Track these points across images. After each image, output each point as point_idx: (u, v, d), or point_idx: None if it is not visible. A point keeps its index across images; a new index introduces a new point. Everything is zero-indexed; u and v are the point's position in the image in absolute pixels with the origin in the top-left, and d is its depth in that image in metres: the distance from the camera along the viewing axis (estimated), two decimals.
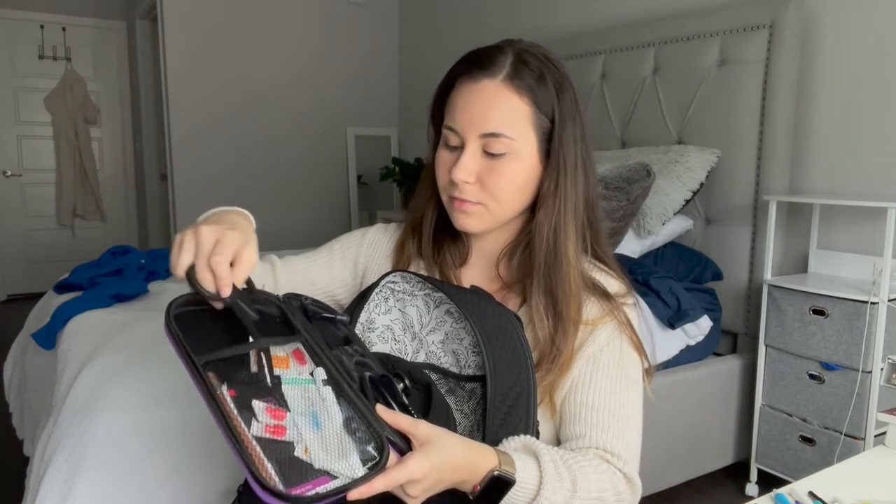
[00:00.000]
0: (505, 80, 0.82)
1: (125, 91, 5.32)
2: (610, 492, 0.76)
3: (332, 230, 4.32)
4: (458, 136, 0.84)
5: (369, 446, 0.62)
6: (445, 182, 0.86)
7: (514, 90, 0.82)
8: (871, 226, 2.07)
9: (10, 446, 2.39)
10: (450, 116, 0.85)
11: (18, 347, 2.48)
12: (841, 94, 2.16)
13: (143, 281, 2.29)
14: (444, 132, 0.86)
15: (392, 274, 0.85)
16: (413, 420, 0.65)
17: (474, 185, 0.83)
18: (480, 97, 0.82)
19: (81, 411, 1.50)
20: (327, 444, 0.61)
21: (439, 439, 0.65)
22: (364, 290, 0.86)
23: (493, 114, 0.81)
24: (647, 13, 2.74)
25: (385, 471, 0.60)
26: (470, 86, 0.83)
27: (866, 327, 1.80)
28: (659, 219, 2.16)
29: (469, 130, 0.82)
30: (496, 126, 0.81)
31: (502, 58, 0.83)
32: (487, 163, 0.83)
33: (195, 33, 3.78)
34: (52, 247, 5.17)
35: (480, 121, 0.82)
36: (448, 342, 0.82)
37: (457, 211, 0.86)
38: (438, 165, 0.87)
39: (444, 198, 0.88)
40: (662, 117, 2.50)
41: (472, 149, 0.83)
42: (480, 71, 0.83)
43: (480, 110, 0.82)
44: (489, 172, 0.83)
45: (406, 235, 0.97)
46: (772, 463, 2.06)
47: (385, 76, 4.36)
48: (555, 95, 0.83)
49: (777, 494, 0.82)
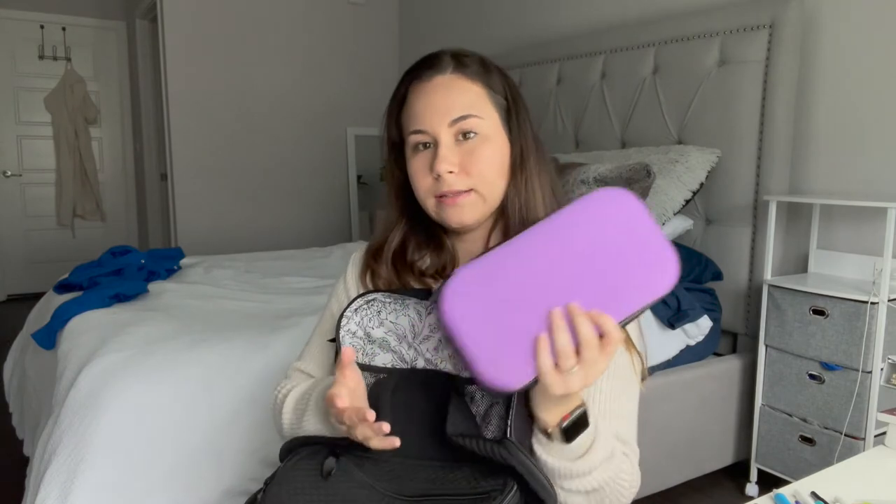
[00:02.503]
0: (453, 72, 0.87)
1: (125, 91, 5.32)
2: (626, 473, 0.79)
3: (332, 230, 4.32)
4: (426, 133, 0.86)
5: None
6: (428, 184, 0.87)
7: (466, 77, 0.87)
8: (871, 226, 2.07)
9: (10, 446, 2.39)
10: (413, 120, 0.87)
11: (18, 347, 2.49)
12: (841, 94, 2.16)
13: (143, 281, 2.29)
14: (410, 139, 0.88)
15: (380, 293, 0.87)
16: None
17: (459, 174, 0.85)
18: (438, 90, 0.86)
19: (81, 411, 1.50)
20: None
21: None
22: (345, 308, 0.87)
23: (455, 100, 0.85)
24: (647, 13, 2.74)
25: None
26: (424, 85, 0.87)
27: (866, 327, 1.80)
28: (659, 219, 2.16)
29: (438, 122, 0.85)
30: (462, 108, 0.85)
31: (443, 57, 0.88)
32: (464, 149, 0.85)
33: (195, 33, 3.78)
34: (52, 247, 5.17)
35: (445, 109, 0.85)
36: (442, 348, 0.83)
37: (449, 207, 0.86)
38: (416, 172, 0.88)
39: (431, 202, 0.88)
40: (662, 117, 2.50)
41: (445, 140, 0.85)
42: (429, 70, 0.87)
43: (442, 101, 0.85)
44: (469, 157, 0.85)
45: (371, 264, 0.96)
46: (772, 463, 2.06)
47: (385, 76, 4.36)
48: (502, 78, 0.90)
49: (777, 494, 0.82)
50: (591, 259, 0.70)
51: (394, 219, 0.95)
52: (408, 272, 0.93)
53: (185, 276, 2.51)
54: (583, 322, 0.67)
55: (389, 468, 0.76)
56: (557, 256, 0.70)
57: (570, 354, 0.67)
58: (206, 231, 3.87)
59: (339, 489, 0.73)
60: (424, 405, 0.79)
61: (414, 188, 0.89)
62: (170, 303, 2.10)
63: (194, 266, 2.69)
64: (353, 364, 0.77)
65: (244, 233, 3.98)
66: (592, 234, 0.70)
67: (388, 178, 0.95)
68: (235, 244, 3.91)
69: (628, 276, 0.69)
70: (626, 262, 0.69)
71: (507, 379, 0.68)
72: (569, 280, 0.69)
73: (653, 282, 0.69)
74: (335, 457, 0.76)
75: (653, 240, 0.70)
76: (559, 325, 0.67)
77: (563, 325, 0.67)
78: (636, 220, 0.71)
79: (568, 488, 0.75)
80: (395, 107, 0.91)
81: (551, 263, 0.70)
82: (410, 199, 0.92)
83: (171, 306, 2.06)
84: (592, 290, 0.69)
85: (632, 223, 0.71)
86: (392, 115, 0.92)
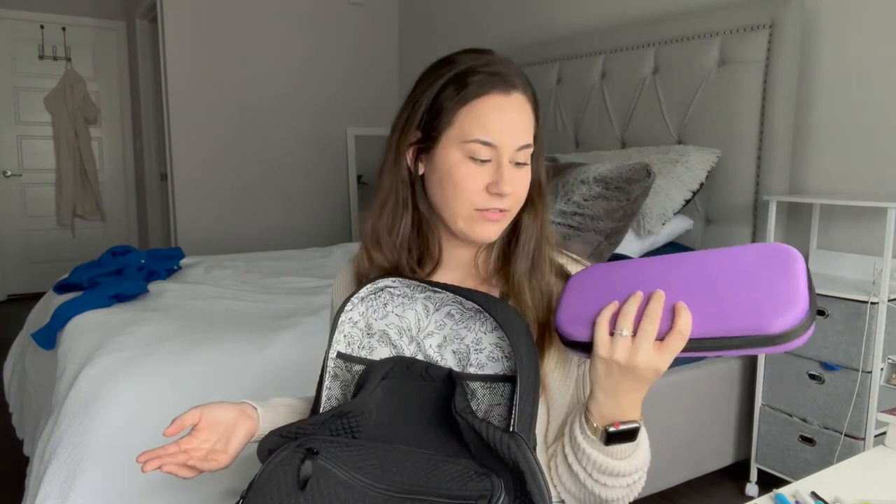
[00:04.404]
0: (525, 93, 0.86)
1: (125, 91, 5.32)
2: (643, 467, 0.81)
3: (332, 230, 4.32)
4: (493, 149, 0.83)
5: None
6: (477, 196, 0.84)
7: (529, 102, 0.86)
8: (871, 226, 2.07)
9: (10, 446, 2.39)
10: (483, 131, 0.83)
11: (18, 347, 2.49)
12: (841, 93, 2.16)
13: (143, 281, 2.29)
14: (469, 146, 0.83)
15: (391, 279, 0.84)
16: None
17: (511, 196, 0.85)
18: (514, 109, 0.84)
19: (81, 411, 1.51)
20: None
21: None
22: (344, 301, 0.85)
23: (525, 125, 0.85)
24: (647, 13, 2.74)
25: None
26: (502, 99, 0.83)
27: (866, 327, 1.80)
28: (659, 219, 2.16)
29: (509, 144, 0.83)
30: (528, 137, 0.85)
31: (514, 71, 0.86)
32: (515, 174, 0.85)
33: (195, 33, 3.78)
34: (52, 247, 5.17)
35: (518, 132, 0.84)
36: (446, 344, 0.82)
37: (487, 223, 0.85)
38: (466, 180, 0.84)
39: (468, 212, 0.85)
40: (662, 117, 2.50)
41: (508, 161, 0.84)
42: (507, 84, 0.84)
43: (516, 122, 0.84)
44: (518, 182, 0.86)
45: (370, 257, 0.92)
46: (772, 463, 2.06)
47: (385, 76, 4.36)
48: (538, 107, 0.90)
49: (777, 494, 0.82)
50: (711, 274, 0.69)
51: (398, 207, 0.90)
52: (407, 262, 0.90)
53: (185, 276, 2.51)
54: (656, 301, 0.70)
55: (373, 453, 0.73)
56: (685, 262, 0.72)
57: (629, 317, 0.70)
58: (206, 231, 3.87)
59: (316, 500, 0.70)
60: (420, 395, 0.79)
61: (450, 192, 0.84)
62: (170, 303, 2.10)
63: (194, 266, 2.69)
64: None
65: (244, 233, 3.98)
66: (730, 258, 0.70)
67: (398, 165, 0.89)
68: (235, 244, 3.91)
69: (737, 299, 0.66)
70: (742, 286, 0.66)
71: (570, 329, 0.75)
72: (675, 280, 0.71)
73: (759, 313, 0.64)
74: (314, 453, 0.73)
75: (790, 281, 0.65)
76: (634, 299, 0.71)
77: (638, 299, 0.71)
78: (785, 261, 0.67)
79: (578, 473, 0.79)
80: (460, 101, 0.83)
81: (674, 265, 0.73)
82: (412, 190, 0.90)
83: (171, 306, 2.06)
84: (692, 294, 0.69)
85: (778, 263, 0.67)
86: (451, 107, 0.84)
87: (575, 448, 0.79)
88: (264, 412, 0.92)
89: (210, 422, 0.86)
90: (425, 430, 0.77)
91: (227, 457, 0.86)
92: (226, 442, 0.87)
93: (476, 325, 0.80)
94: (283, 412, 0.95)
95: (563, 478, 0.82)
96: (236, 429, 0.88)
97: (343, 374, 0.85)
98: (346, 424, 0.77)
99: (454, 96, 0.83)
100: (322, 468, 0.72)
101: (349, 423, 0.77)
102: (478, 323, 0.80)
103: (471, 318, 0.81)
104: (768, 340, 0.63)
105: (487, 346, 0.79)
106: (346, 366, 0.85)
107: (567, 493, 0.83)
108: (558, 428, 0.87)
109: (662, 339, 0.69)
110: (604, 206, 2.05)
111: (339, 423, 0.77)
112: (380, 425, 0.78)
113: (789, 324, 0.63)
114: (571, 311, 0.76)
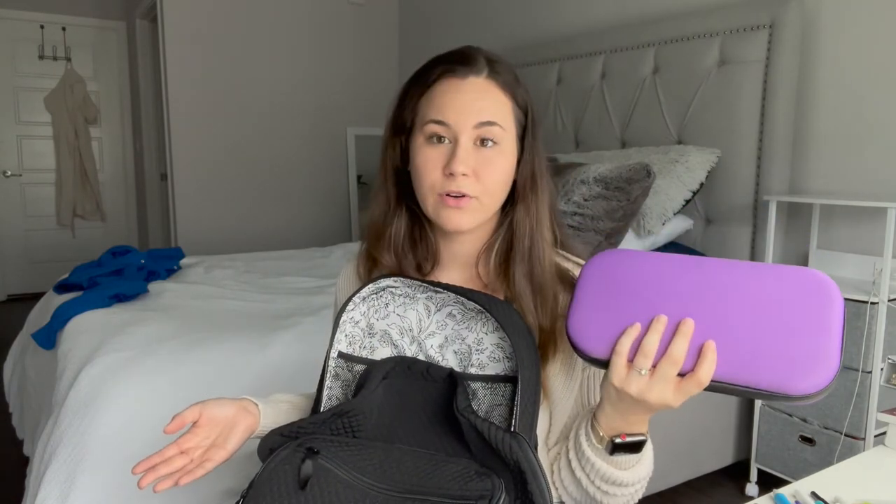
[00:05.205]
0: (488, 76, 0.85)
1: (125, 91, 5.32)
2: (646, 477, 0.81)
3: (332, 230, 4.32)
4: (449, 128, 0.83)
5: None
6: (436, 179, 0.84)
7: (498, 85, 0.86)
8: (871, 226, 2.07)
9: (10, 446, 2.39)
10: (437, 111, 0.84)
11: (18, 347, 2.49)
12: (841, 93, 2.16)
13: (143, 281, 2.29)
14: (427, 128, 0.85)
15: (392, 278, 0.84)
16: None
17: (471, 178, 0.83)
18: (471, 90, 0.84)
19: (81, 411, 1.50)
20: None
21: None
22: (346, 300, 0.85)
23: (485, 104, 0.84)
24: (647, 13, 2.74)
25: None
26: (457, 81, 0.85)
27: (866, 327, 1.79)
28: (659, 219, 2.16)
29: (464, 121, 0.83)
30: (490, 115, 0.84)
31: (479, 58, 0.87)
32: (480, 155, 0.84)
33: (195, 33, 3.78)
34: (52, 247, 5.17)
35: (475, 111, 0.83)
36: (448, 344, 0.82)
37: (451, 209, 0.84)
38: (426, 164, 0.85)
39: (432, 198, 0.85)
40: (662, 117, 2.50)
41: (465, 141, 0.83)
42: (465, 68, 0.85)
43: (473, 102, 0.84)
44: (484, 165, 0.84)
45: (372, 254, 0.94)
46: (772, 463, 2.06)
47: (385, 76, 4.36)
48: (527, 94, 0.89)
49: (777, 494, 0.82)
50: (741, 306, 0.63)
51: (389, 203, 0.92)
52: (408, 262, 0.91)
53: (185, 276, 2.51)
54: (682, 340, 0.65)
55: (374, 453, 0.74)
56: (714, 282, 0.66)
57: (649, 356, 0.66)
58: (206, 231, 3.87)
59: (316, 499, 0.70)
60: (421, 394, 0.78)
61: (416, 179, 0.86)
62: (170, 303, 2.10)
63: (194, 266, 2.69)
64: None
65: (244, 233, 3.98)
66: (764, 288, 0.63)
67: (385, 161, 0.92)
68: (235, 244, 3.91)
69: (766, 346, 0.62)
70: (774, 333, 0.62)
71: (586, 343, 0.70)
72: (702, 305, 0.65)
73: (786, 371, 0.61)
74: (315, 452, 0.73)
75: (824, 336, 0.61)
76: (657, 329, 0.66)
77: (661, 330, 0.66)
78: (824, 306, 0.62)
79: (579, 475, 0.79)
80: (419, 90, 0.87)
81: (701, 282, 0.66)
82: (404, 187, 0.90)
83: (171, 306, 2.06)
84: (718, 332, 0.64)
85: (815, 306, 0.62)
86: (413, 97, 0.88)
87: (579, 455, 0.79)
88: (265, 408, 0.92)
89: (210, 418, 0.86)
90: (426, 430, 0.77)
91: (225, 452, 0.86)
92: (225, 438, 0.87)
93: (477, 325, 0.80)
94: (285, 409, 0.95)
95: (566, 482, 0.82)
96: (236, 425, 0.88)
97: (344, 373, 0.85)
98: (347, 424, 0.77)
99: (417, 88, 0.88)
100: (323, 468, 0.72)
101: (350, 422, 0.77)
102: (479, 323, 0.80)
103: (472, 319, 0.81)
104: (788, 398, 0.61)
105: (489, 347, 0.79)
106: (347, 365, 0.85)
107: (569, 496, 0.83)
108: (561, 431, 0.87)
109: (682, 373, 0.66)
110: (604, 206, 2.05)
111: (339, 423, 0.77)
112: (380, 425, 0.78)
113: (815, 387, 0.60)
114: (585, 321, 0.71)
